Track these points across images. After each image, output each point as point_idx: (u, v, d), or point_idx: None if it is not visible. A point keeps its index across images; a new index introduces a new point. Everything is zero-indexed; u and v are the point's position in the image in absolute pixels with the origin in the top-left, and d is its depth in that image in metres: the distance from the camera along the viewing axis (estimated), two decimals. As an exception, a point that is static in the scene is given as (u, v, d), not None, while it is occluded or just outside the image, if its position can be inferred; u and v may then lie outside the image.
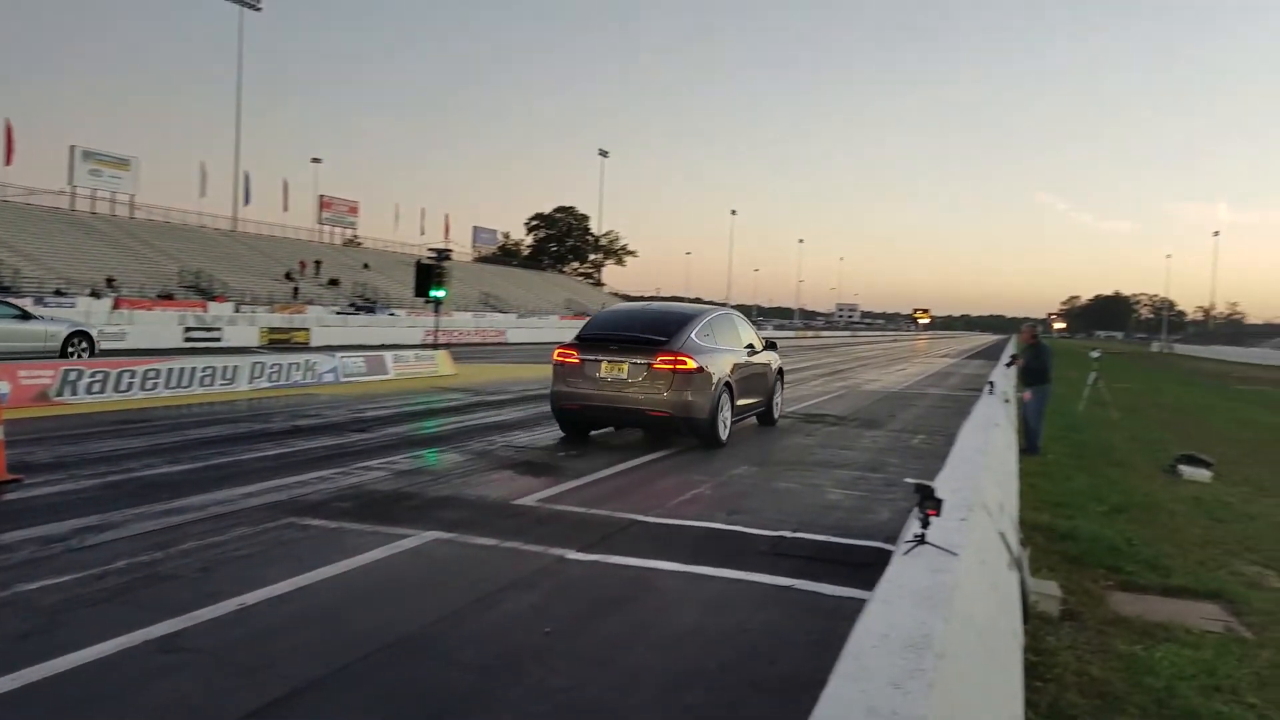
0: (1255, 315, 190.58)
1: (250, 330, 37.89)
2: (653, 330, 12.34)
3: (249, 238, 71.72)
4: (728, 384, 12.60)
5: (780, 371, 15.97)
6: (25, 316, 23.31)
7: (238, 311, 44.85)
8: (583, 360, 12.20)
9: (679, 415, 11.89)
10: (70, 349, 22.95)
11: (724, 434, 12.63)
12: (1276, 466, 13.31)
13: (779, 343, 16.60)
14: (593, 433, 13.38)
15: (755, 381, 14.18)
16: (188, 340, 34.37)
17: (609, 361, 12.02)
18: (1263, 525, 9.10)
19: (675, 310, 13.81)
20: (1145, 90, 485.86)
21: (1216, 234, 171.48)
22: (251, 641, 5.03)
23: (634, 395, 11.89)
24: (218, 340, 35.45)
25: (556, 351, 12.65)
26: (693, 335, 12.26)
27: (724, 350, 12.93)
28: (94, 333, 24.90)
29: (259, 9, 70.70)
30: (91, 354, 23.19)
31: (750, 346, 14.15)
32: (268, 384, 19.32)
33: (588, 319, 14.52)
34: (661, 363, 11.71)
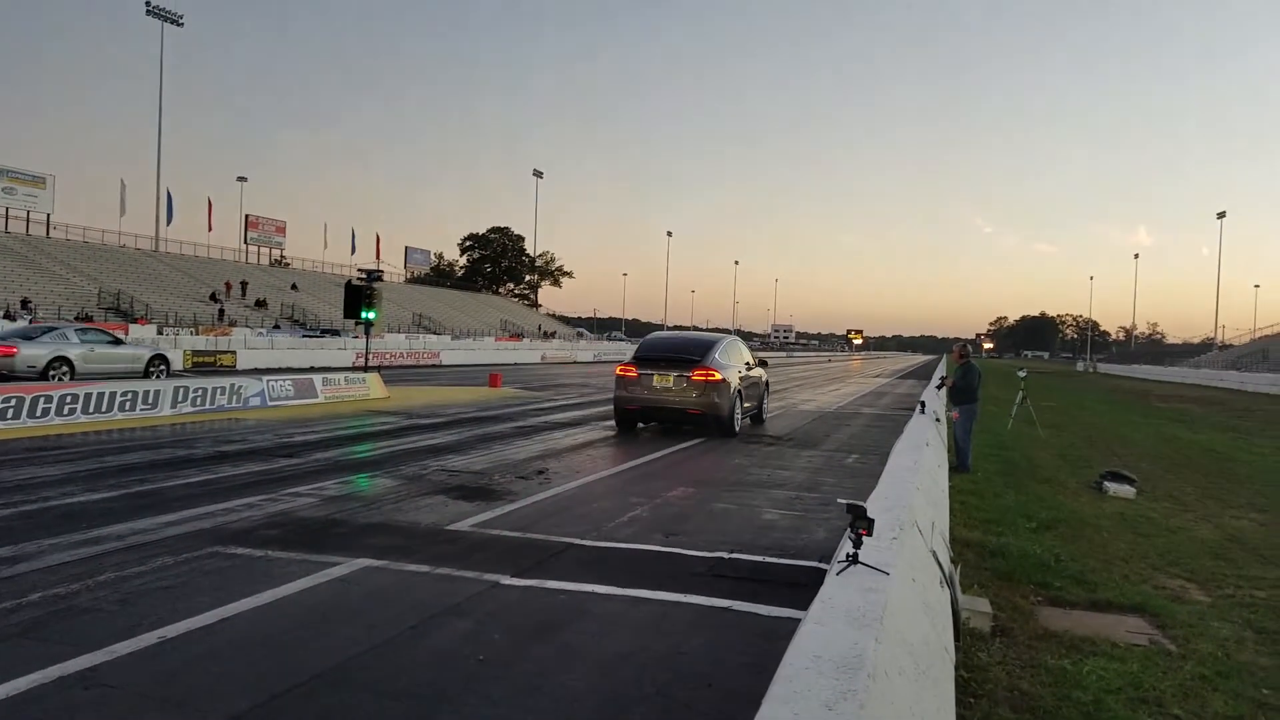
0: (1174, 335, 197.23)
1: (174, 353, 36.88)
2: (688, 352, 16.48)
3: (172, 258, 70.10)
4: (738, 390, 16.74)
5: (767, 384, 20.19)
6: (118, 342, 26.77)
7: (160, 334, 43.65)
8: (639, 374, 16.34)
9: (709, 413, 15.94)
10: (150, 369, 25.73)
11: (737, 427, 16.79)
12: (1197, 482, 13.72)
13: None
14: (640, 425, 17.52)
15: (752, 389, 18.25)
16: (110, 364, 33.39)
17: (659, 374, 16.12)
18: (1184, 539, 9.36)
19: (702, 337, 18.42)
20: (1066, 117, 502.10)
21: (1136, 257, 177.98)
22: (174, 675, 4.87)
23: (677, 398, 16.00)
24: (140, 364, 34.52)
25: (618, 368, 17.03)
26: (716, 355, 16.30)
27: (734, 366, 16.83)
28: (169, 355, 28.57)
29: (181, 24, 69.50)
30: (168, 374, 26.16)
31: (748, 364, 17.99)
32: (191, 409, 18.85)
33: (639, 343, 18.51)
34: (697, 375, 15.82)
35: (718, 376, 15.96)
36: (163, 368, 26.60)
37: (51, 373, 23.17)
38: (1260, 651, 5.81)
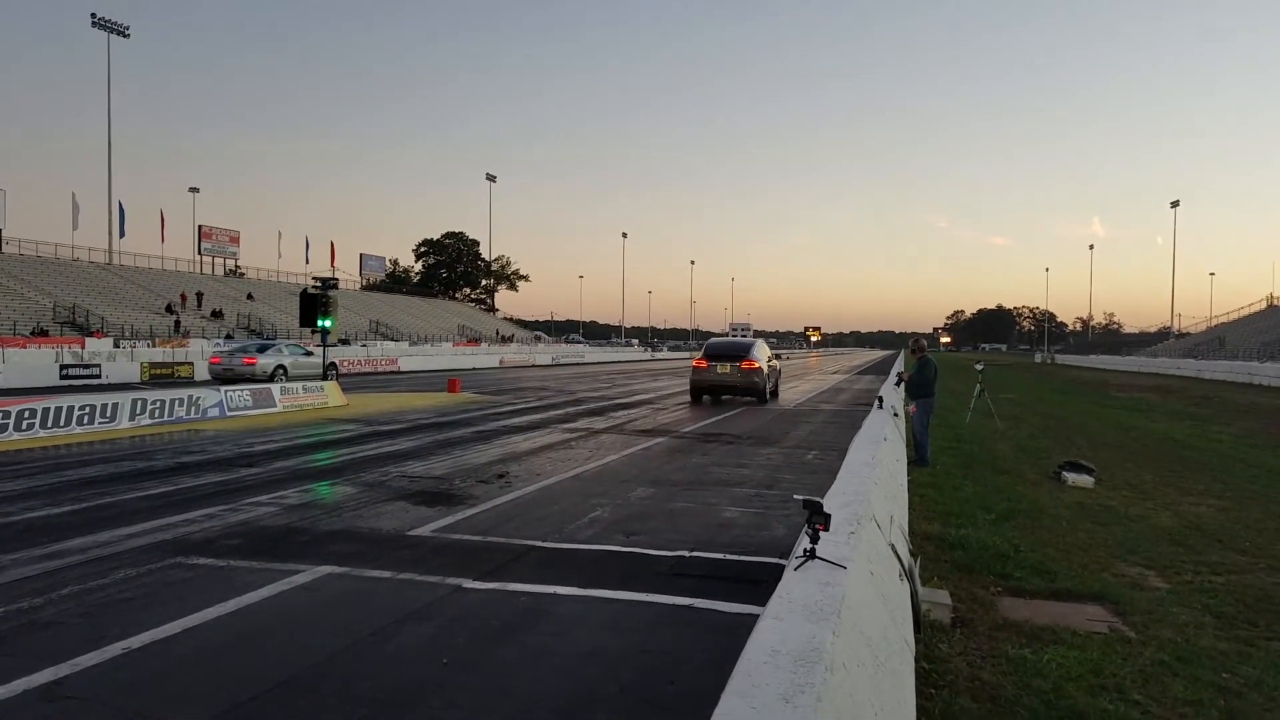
0: (1131, 325, 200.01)
1: (131, 366, 36.42)
2: (737, 352, 25.60)
3: (126, 270, 68.98)
4: (766, 374, 25.61)
5: (780, 371, 30.54)
6: (308, 354, 34.85)
7: (117, 347, 43.02)
8: (708, 365, 25.00)
9: (751, 389, 24.98)
10: (327, 372, 30.52)
11: (766, 397, 25.99)
12: (1155, 470, 13.91)
13: (674, 361, 17.54)
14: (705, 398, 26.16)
15: (772, 374, 27.50)
16: (65, 378, 32.89)
17: (720, 365, 24.90)
18: (1143, 527, 9.47)
19: (744, 342, 27.46)
20: (1018, 111, 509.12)
21: (1091, 248, 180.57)
22: (138, 686, 4.80)
23: (731, 380, 24.77)
24: (97, 377, 34.00)
25: (694, 361, 26.03)
26: (754, 352, 25.28)
27: (763, 359, 25.56)
28: (338, 361, 39.21)
29: (127, 35, 68.40)
30: (337, 376, 33.16)
31: (769, 358, 26.86)
32: (150, 421, 18.56)
33: (705, 345, 26.97)
34: (745, 365, 24.67)
35: (756, 365, 24.93)
36: (334, 372, 34.29)
37: (275, 375, 31.78)
38: (1219, 636, 5.88)
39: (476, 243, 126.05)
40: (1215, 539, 8.92)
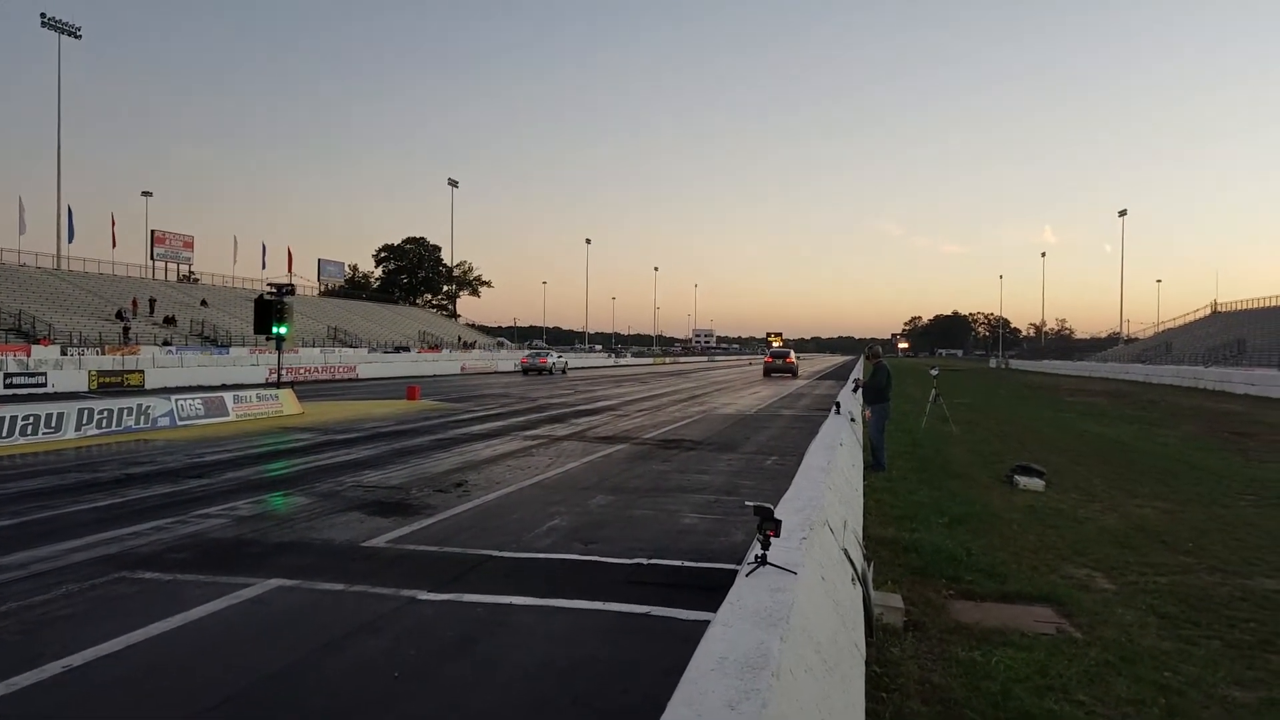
0: (1082, 330, 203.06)
1: (78, 374, 35.69)
2: (783, 354, 62.98)
3: (75, 276, 67.56)
4: (795, 364, 62.43)
5: (798, 363, 65.69)
6: (560, 355, 64.98)
7: (64, 354, 42.16)
8: (772, 359, 61.05)
9: (793, 371, 59.49)
10: (566, 370, 59.25)
11: (796, 376, 58.84)
12: (1104, 473, 14.15)
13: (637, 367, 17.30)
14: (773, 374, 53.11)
15: (797, 364, 63.07)
16: (8, 387, 32.15)
17: (777, 360, 60.40)
18: (1091, 530, 9.64)
19: (785, 350, 66.93)
20: (968, 121, 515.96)
21: (1043, 255, 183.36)
22: (78, 705, 4.73)
23: (783, 366, 58.63)
24: (42, 386, 33.28)
25: (765, 358, 64.35)
26: (791, 355, 63.40)
27: (793, 356, 63.76)
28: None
29: (78, 36, 67.18)
30: (564, 372, 60.95)
31: (795, 356, 64.64)
32: (97, 431, 18.24)
33: (769, 351, 70.74)
34: (789, 360, 60.58)
35: (793, 359, 61.87)
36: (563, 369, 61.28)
37: (556, 369, 58.57)
38: (1162, 636, 6.01)
39: (438, 248, 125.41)
40: (1160, 540, 9.10)
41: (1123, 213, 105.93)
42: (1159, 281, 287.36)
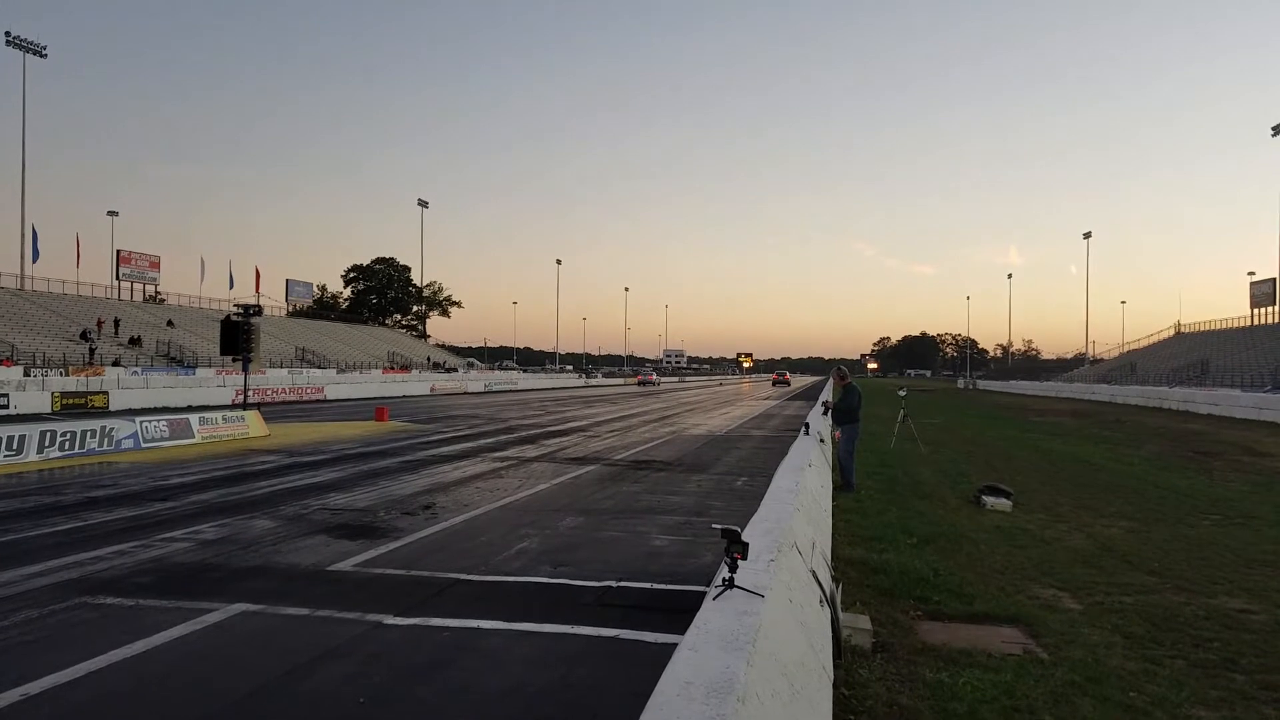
0: (1049, 351, 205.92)
1: (42, 396, 35.21)
2: (784, 372, 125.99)
3: (39, 296, 66.61)
4: (789, 379, 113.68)
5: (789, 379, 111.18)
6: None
7: (27, 375, 41.53)
8: (776, 377, 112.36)
9: (787, 381, 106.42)
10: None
11: (790, 384, 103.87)
12: (1070, 493, 14.26)
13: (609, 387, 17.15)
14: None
15: (789, 380, 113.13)
16: (-32, 409, 31.67)
17: (778, 375, 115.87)
18: (1057, 549, 9.70)
19: (784, 371, 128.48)
20: (937, 141, 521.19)
21: (1010, 277, 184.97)
22: (28, 737, 4.61)
23: (783, 380, 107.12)
24: (4, 408, 32.80)
25: (774, 375, 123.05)
26: (788, 373, 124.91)
27: (788, 375, 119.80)
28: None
29: (44, 55, 66.57)
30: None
31: (788, 375, 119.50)
32: (60, 453, 17.96)
33: (777, 371, 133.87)
34: (786, 376, 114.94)
35: (788, 376, 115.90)
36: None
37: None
38: (1128, 656, 6.04)
39: (408, 268, 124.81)
40: (1125, 560, 9.17)
41: (1087, 235, 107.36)
42: (1124, 303, 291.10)
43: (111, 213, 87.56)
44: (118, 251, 77.02)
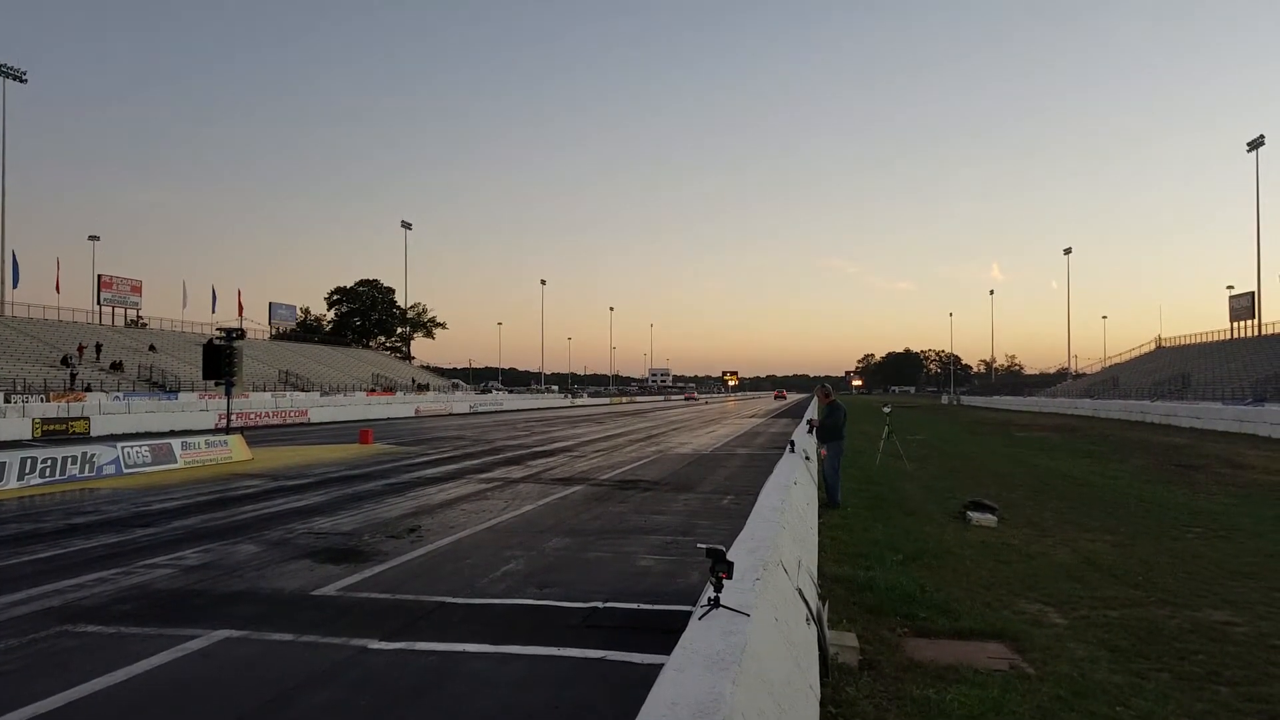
0: (1032, 366, 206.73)
1: (22, 422, 34.88)
2: (783, 388, 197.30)
3: (19, 321, 66.19)
4: (786, 395, 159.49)
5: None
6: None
7: (7, 402, 41.19)
8: (776, 393, 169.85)
9: (784, 397, 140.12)
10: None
11: (786, 399, 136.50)
12: (1055, 508, 14.31)
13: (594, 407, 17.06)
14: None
15: (787, 394, 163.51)
16: (-52, 436, 31.36)
17: (779, 393, 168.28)
18: (1042, 564, 9.73)
19: (783, 389, 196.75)
20: (917, 158, 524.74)
21: (992, 293, 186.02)
22: (7, 770, 4.56)
23: (782, 396, 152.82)
24: (-17, 435, 32.50)
25: (774, 394, 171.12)
26: (785, 390, 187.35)
27: (786, 392, 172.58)
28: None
29: (24, 80, 66.47)
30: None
31: (786, 393, 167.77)
32: (40, 480, 17.80)
33: (777, 387, 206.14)
34: (784, 394, 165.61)
35: (786, 394, 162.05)
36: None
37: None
38: (1114, 670, 6.05)
39: (391, 290, 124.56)
40: (1110, 574, 9.21)
41: (1068, 250, 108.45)
42: (1105, 318, 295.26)
43: (93, 237, 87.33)
44: (99, 276, 76.63)
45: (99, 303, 76.21)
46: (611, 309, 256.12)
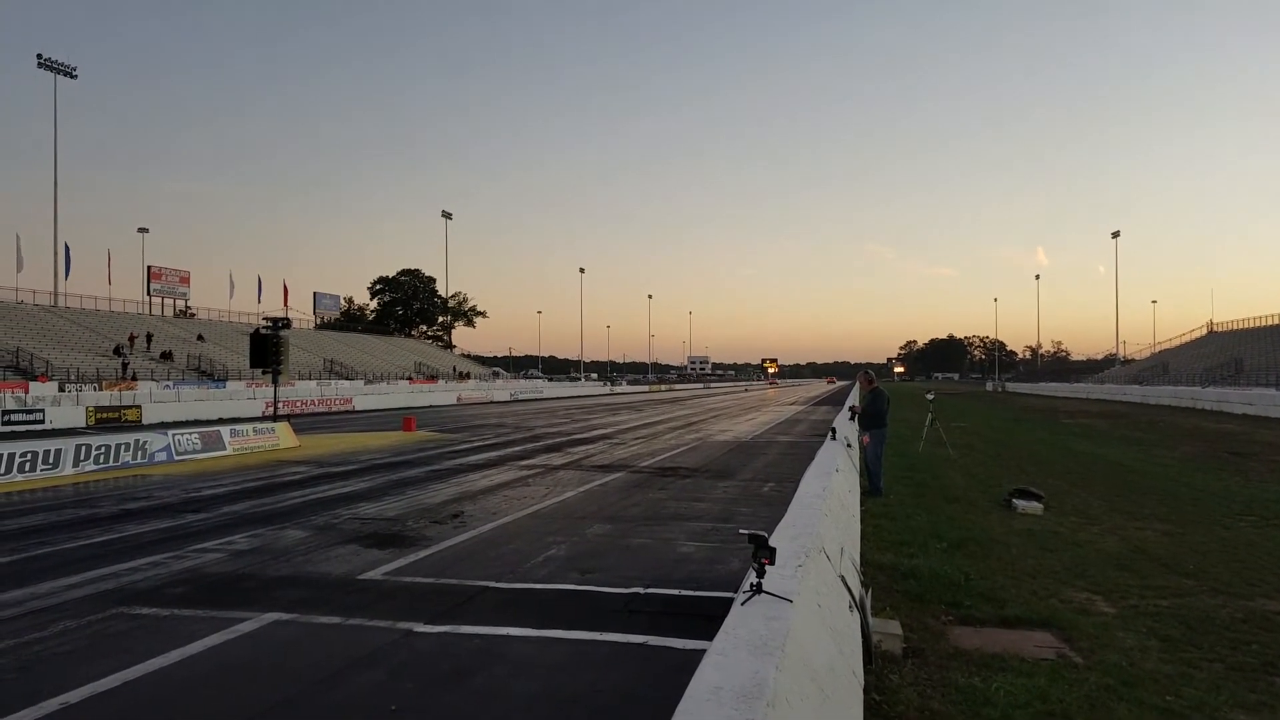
0: (1078, 352, 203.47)
1: (76, 410, 35.67)
2: (831, 375, 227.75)
3: (72, 312, 67.60)
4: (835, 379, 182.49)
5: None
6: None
7: (62, 391, 42.10)
8: (830, 381, 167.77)
9: (833, 383, 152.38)
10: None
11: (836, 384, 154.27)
12: (1103, 495, 14.10)
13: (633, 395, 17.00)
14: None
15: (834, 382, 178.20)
16: (6, 424, 32.13)
17: (831, 380, 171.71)
18: (1090, 553, 9.59)
19: (832, 375, 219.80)
20: (957, 141, 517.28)
21: (1038, 278, 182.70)
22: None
23: (830, 383, 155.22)
24: (40, 423, 33.26)
25: (826, 379, 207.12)
26: (834, 377, 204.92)
27: (833, 379, 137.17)
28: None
29: (74, 76, 67.68)
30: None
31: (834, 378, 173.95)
32: (95, 467, 18.20)
33: (827, 375, 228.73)
34: (833, 380, 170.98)
35: (834, 380, 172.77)
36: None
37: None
38: (1164, 659, 5.96)
39: (433, 279, 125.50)
40: (1160, 563, 9.05)
41: (1116, 234, 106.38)
42: (1154, 302, 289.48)
43: (142, 229, 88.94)
44: (148, 267, 78.02)
45: (149, 293, 77.60)
46: (650, 297, 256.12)
